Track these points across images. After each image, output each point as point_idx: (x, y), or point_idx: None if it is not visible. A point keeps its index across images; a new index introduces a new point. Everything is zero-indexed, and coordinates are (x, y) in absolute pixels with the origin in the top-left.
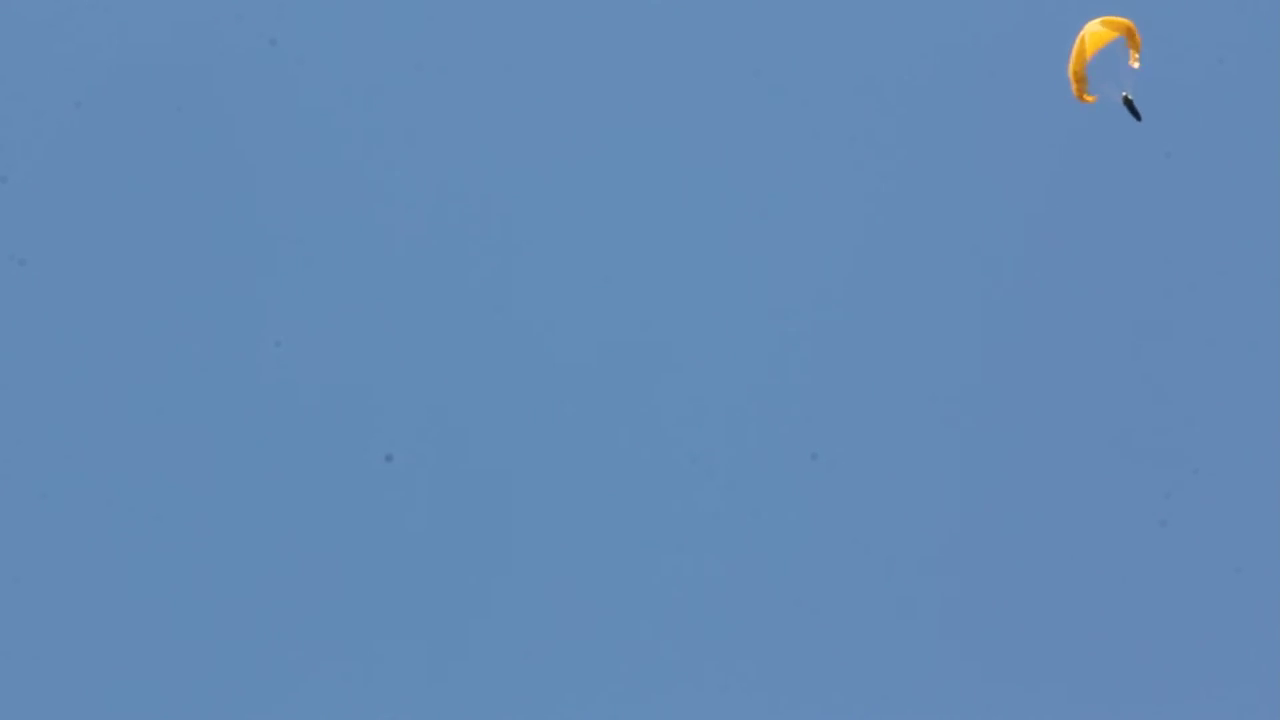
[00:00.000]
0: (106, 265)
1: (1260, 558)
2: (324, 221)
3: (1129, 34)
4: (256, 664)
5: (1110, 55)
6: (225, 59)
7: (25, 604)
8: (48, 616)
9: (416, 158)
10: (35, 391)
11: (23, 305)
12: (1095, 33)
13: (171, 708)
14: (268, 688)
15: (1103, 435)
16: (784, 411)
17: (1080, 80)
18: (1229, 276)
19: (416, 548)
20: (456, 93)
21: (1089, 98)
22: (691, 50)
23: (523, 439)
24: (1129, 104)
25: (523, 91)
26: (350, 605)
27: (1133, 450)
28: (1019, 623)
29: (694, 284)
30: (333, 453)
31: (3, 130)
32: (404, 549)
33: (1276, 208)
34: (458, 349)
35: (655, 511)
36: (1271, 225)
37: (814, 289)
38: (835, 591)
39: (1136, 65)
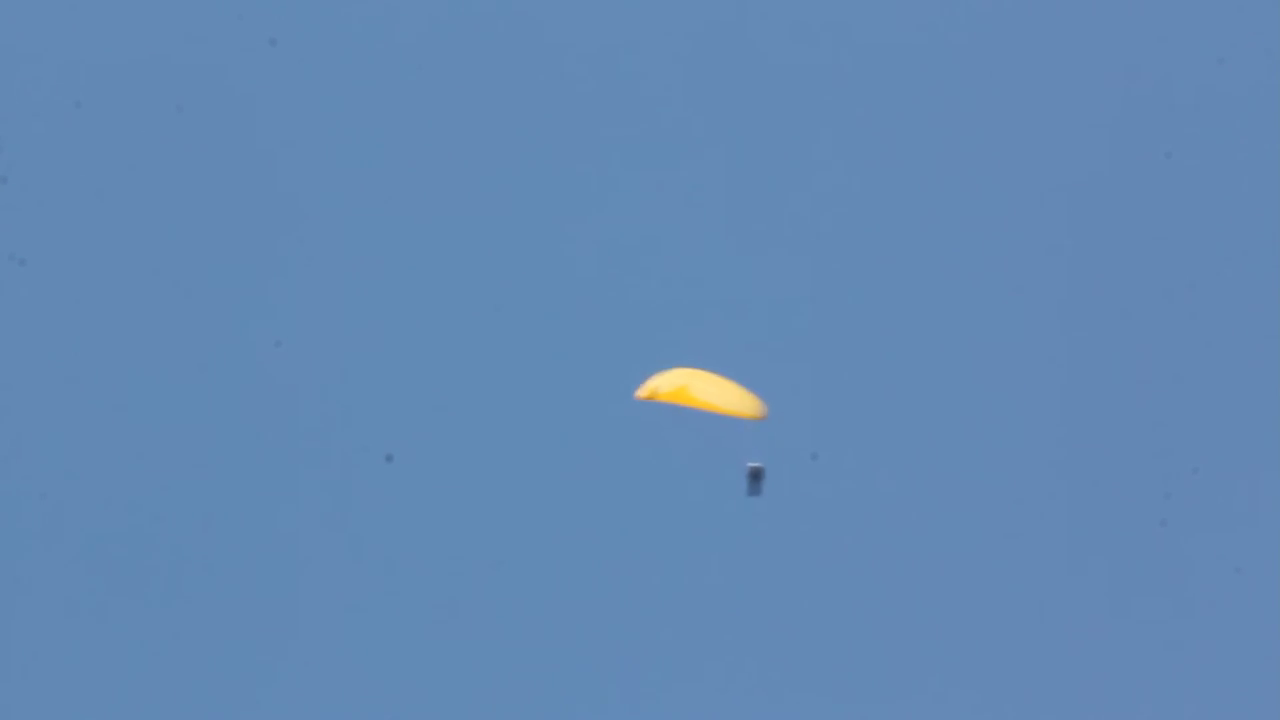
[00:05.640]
0: (106, 265)
1: (1260, 558)
2: (324, 221)
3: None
4: (257, 663)
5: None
6: (225, 59)
7: (26, 603)
8: (48, 615)
9: (416, 157)
10: (35, 391)
11: (23, 305)
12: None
13: (170, 707)
14: (268, 686)
15: (1103, 435)
16: (784, 411)
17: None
18: (1229, 276)
19: (416, 548)
20: (456, 93)
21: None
22: (692, 49)
23: (522, 439)
24: (754, 474)
25: (522, 91)
26: (350, 604)
27: (1133, 450)
28: (1019, 622)
29: (694, 284)
30: (333, 453)
31: (3, 130)
32: (404, 549)
33: (1276, 208)
34: (458, 349)
35: (655, 511)
36: (1271, 225)
37: (814, 289)
38: (835, 591)
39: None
